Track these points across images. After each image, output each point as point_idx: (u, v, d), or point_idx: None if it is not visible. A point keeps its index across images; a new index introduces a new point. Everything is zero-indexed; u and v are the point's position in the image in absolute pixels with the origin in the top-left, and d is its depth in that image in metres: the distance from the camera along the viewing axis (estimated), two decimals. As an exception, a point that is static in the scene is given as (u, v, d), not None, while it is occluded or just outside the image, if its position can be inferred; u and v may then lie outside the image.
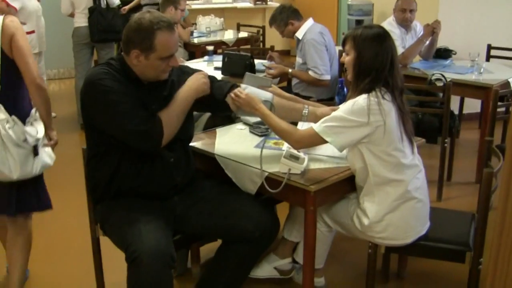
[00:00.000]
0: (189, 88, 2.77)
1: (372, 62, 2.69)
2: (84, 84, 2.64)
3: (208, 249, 3.49)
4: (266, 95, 2.91)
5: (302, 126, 3.01)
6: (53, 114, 6.81)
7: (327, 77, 4.81)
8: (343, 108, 2.68)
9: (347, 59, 2.80)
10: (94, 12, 6.30)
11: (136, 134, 2.57)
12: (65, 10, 6.56)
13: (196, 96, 2.79)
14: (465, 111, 6.27)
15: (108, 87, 2.57)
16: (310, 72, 4.80)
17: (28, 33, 6.36)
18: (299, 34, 4.91)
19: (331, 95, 4.94)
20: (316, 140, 2.70)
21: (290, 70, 4.95)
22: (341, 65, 5.32)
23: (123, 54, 2.71)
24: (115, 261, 3.24)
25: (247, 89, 2.89)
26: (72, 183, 5.01)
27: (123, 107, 2.56)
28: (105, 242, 2.91)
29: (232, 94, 2.84)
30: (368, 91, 2.66)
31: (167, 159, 2.75)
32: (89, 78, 2.63)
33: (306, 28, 4.89)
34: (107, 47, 6.59)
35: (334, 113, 2.71)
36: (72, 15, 6.56)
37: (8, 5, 3.79)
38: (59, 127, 6.52)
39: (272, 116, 2.81)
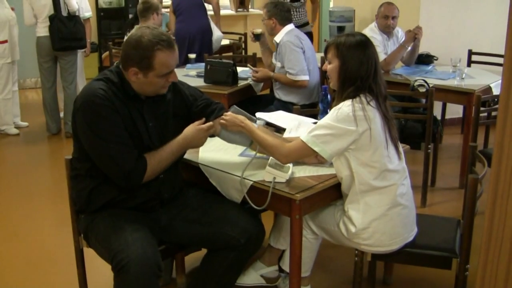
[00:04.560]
0: (184, 142, 2.73)
1: (357, 70, 2.69)
2: (80, 101, 2.57)
3: (193, 259, 3.47)
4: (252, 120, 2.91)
5: (290, 133, 3.00)
6: (25, 124, 6.87)
7: (304, 77, 4.80)
8: (328, 116, 2.67)
9: (330, 67, 2.79)
10: (54, 20, 6.17)
11: (115, 169, 2.56)
12: (28, 21, 6.43)
13: (189, 149, 2.84)
14: (447, 116, 6.31)
15: (102, 114, 2.52)
16: (287, 74, 4.81)
17: (0, 42, 6.34)
18: (277, 38, 4.93)
19: (313, 100, 4.94)
20: (305, 151, 2.68)
21: (272, 74, 4.95)
22: (324, 72, 5.35)
23: (120, 67, 2.67)
24: (99, 272, 3.21)
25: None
26: (52, 193, 4.99)
27: (112, 139, 2.54)
28: (89, 253, 2.87)
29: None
30: (352, 97, 2.66)
31: (157, 175, 2.72)
32: (85, 97, 2.57)
33: (284, 33, 4.90)
34: (69, 55, 6.48)
35: (319, 122, 2.70)
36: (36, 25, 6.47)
37: None
38: (33, 137, 6.54)
39: (259, 132, 2.79)
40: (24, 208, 4.69)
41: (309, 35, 6.05)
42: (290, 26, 4.94)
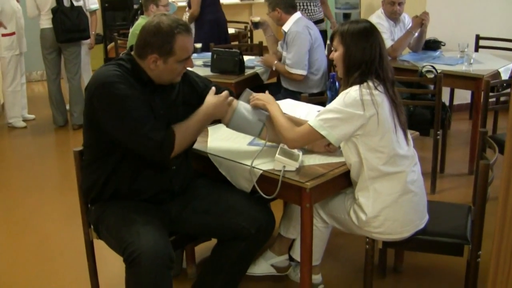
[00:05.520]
0: (208, 110, 2.74)
1: (360, 55, 2.68)
2: (94, 85, 2.55)
3: (203, 249, 3.47)
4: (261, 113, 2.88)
5: (300, 116, 3.00)
6: (32, 116, 6.87)
7: (299, 71, 4.76)
8: (336, 100, 2.66)
9: (336, 54, 2.79)
10: (57, 12, 6.18)
11: (147, 142, 2.52)
12: (31, 13, 6.44)
13: (213, 118, 2.81)
14: (455, 102, 6.28)
15: (122, 91, 2.51)
16: (285, 65, 4.80)
17: (8, 34, 6.35)
18: (286, 27, 4.88)
19: (320, 89, 4.91)
20: (312, 135, 2.67)
21: (275, 62, 4.93)
22: (331, 60, 5.32)
23: (133, 55, 2.65)
24: (110, 264, 3.22)
25: (242, 104, 2.86)
26: (61, 186, 4.99)
27: (138, 113, 2.52)
28: (99, 245, 2.87)
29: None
30: (359, 83, 2.65)
31: (169, 166, 2.71)
32: (100, 79, 2.55)
33: (292, 22, 4.86)
34: (73, 47, 6.47)
35: (327, 106, 2.69)
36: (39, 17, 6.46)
37: None
38: (40, 130, 6.55)
39: (280, 112, 2.79)
40: (33, 201, 4.70)
41: (323, 33, 5.95)
42: (298, 15, 4.89)
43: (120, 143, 2.58)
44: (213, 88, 2.82)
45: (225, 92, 2.80)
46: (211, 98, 2.77)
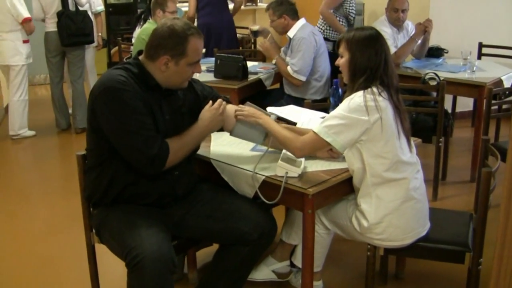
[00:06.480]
0: (203, 125, 2.75)
1: (365, 62, 2.70)
2: (99, 89, 2.56)
3: (205, 254, 3.47)
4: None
5: (302, 125, 2.99)
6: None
7: (300, 77, 4.79)
8: (341, 106, 2.68)
9: (342, 61, 2.80)
10: (63, 16, 6.20)
11: (139, 156, 2.54)
12: (36, 15, 6.43)
13: (210, 133, 2.86)
14: (457, 110, 6.28)
15: (124, 99, 2.52)
16: (288, 67, 4.80)
17: (27, 41, 6.35)
18: (291, 33, 4.89)
19: (323, 95, 4.92)
20: (318, 143, 2.67)
21: (277, 56, 4.95)
22: (336, 66, 5.32)
23: (141, 59, 2.67)
24: (111, 268, 3.22)
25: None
26: (64, 189, 4.99)
27: (135, 125, 2.52)
28: (101, 249, 2.87)
29: (235, 110, 2.84)
30: (364, 88, 2.66)
31: (172, 171, 2.71)
32: (105, 83, 2.56)
33: (297, 28, 4.88)
34: (77, 50, 6.49)
35: (332, 112, 2.70)
36: (44, 20, 6.48)
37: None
38: (43, 133, 6.54)
39: (275, 124, 2.79)
40: (35, 204, 4.71)
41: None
42: (302, 21, 4.92)
43: None
44: (210, 102, 2.81)
45: (218, 101, 2.80)
46: (206, 114, 2.77)
